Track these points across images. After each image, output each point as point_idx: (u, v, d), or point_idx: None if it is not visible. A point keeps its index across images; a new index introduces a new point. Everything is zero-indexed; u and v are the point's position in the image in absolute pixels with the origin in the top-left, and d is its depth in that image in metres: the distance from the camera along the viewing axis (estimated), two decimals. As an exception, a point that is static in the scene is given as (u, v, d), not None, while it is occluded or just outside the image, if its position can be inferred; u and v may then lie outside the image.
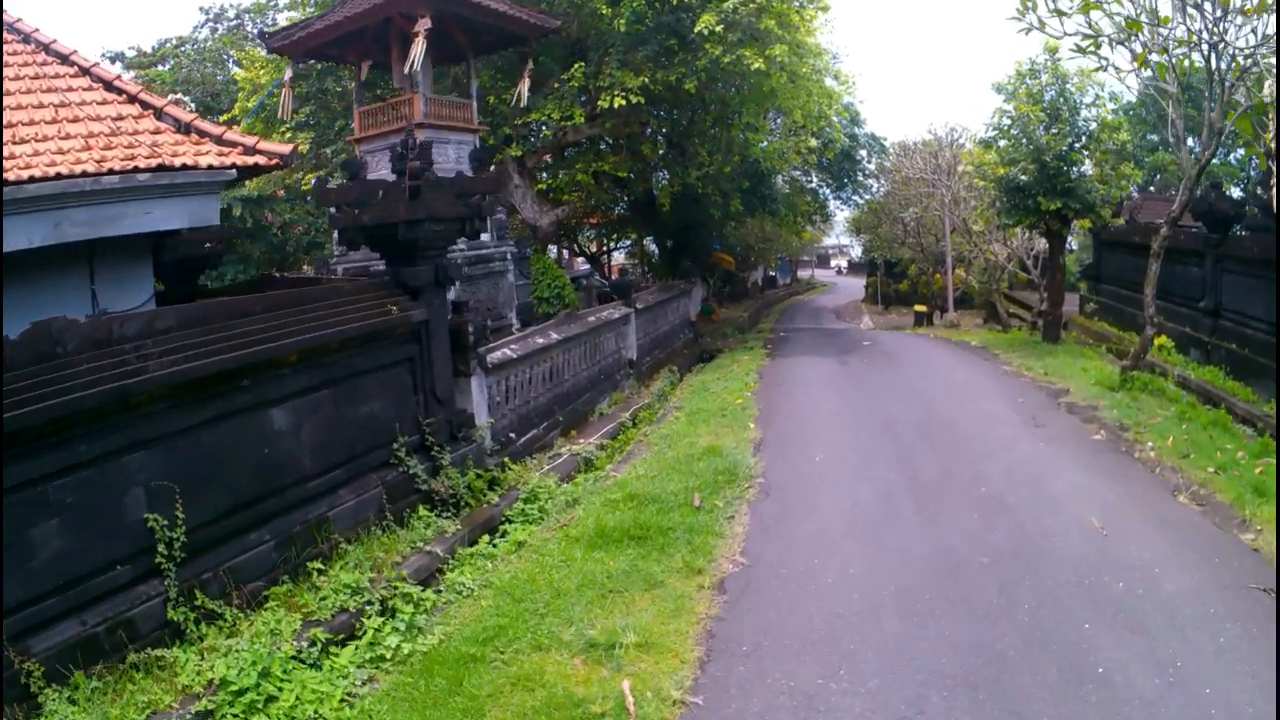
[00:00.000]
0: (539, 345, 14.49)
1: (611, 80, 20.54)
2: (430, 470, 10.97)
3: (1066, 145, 19.75)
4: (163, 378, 7.48)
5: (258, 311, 9.15)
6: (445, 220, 11.08)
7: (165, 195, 10.47)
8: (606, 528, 9.24)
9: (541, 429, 14.49)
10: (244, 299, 9.46)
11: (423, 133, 17.17)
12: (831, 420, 14.39)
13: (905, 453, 11.98)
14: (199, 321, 8.41)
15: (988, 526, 8.98)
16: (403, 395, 10.98)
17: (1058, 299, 22.14)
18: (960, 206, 31.02)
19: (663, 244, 37.20)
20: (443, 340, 11.50)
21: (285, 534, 8.66)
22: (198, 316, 8.50)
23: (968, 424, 13.41)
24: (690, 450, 12.49)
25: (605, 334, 18.29)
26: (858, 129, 40.43)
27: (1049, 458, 11.32)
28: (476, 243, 17.67)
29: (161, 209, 10.52)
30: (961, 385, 16.75)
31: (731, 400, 16.11)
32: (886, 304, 49.20)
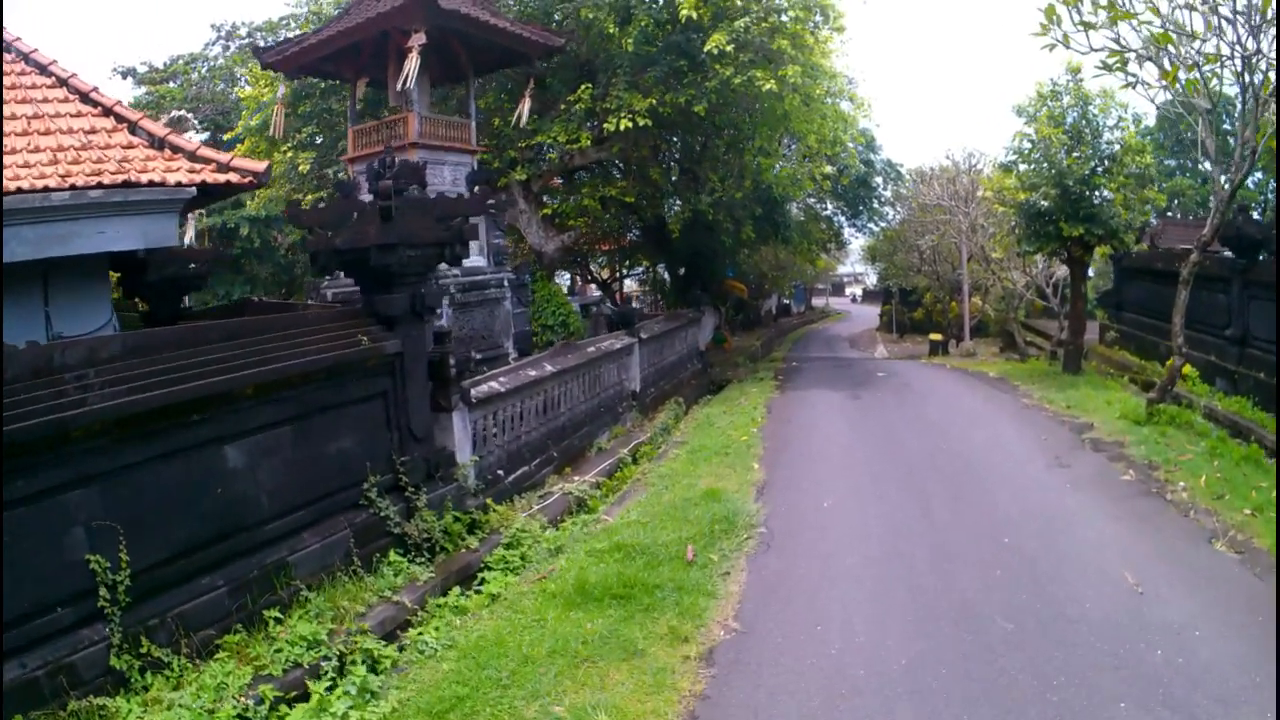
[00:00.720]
0: (531, 378, 13.69)
1: (619, 102, 19.88)
2: (404, 512, 10.23)
3: (1089, 169, 18.94)
4: (105, 410, 6.92)
5: (213, 340, 8.50)
6: (423, 245, 10.34)
7: (119, 214, 9.89)
8: (588, 583, 8.38)
9: (533, 465, 13.68)
10: (198, 327, 8.87)
11: (417, 153, 16.53)
12: (841, 461, 13.52)
13: (921, 498, 11.06)
14: (147, 350, 7.78)
15: (1011, 586, 8.05)
16: (375, 432, 10.23)
17: (1079, 328, 21.24)
18: (978, 233, 30.17)
19: (674, 271, 36.49)
20: (420, 373, 10.74)
21: (240, 579, 8.02)
22: (146, 345, 7.89)
23: (988, 465, 12.51)
24: (688, 493, 11.66)
25: (606, 365, 17.50)
26: (874, 155, 39.68)
27: (1076, 503, 10.42)
28: (471, 268, 16.95)
29: (115, 228, 9.95)
30: (981, 421, 15.88)
31: (736, 437, 15.28)
32: (901, 332, 48.37)
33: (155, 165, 10.83)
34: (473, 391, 12.03)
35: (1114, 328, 25.19)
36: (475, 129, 18.32)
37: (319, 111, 25.37)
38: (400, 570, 9.61)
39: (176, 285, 14.64)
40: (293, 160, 25.04)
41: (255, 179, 11.95)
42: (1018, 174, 20.59)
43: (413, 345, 10.57)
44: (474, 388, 12.25)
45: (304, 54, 17.69)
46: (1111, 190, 19.34)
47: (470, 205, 11.07)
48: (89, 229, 9.59)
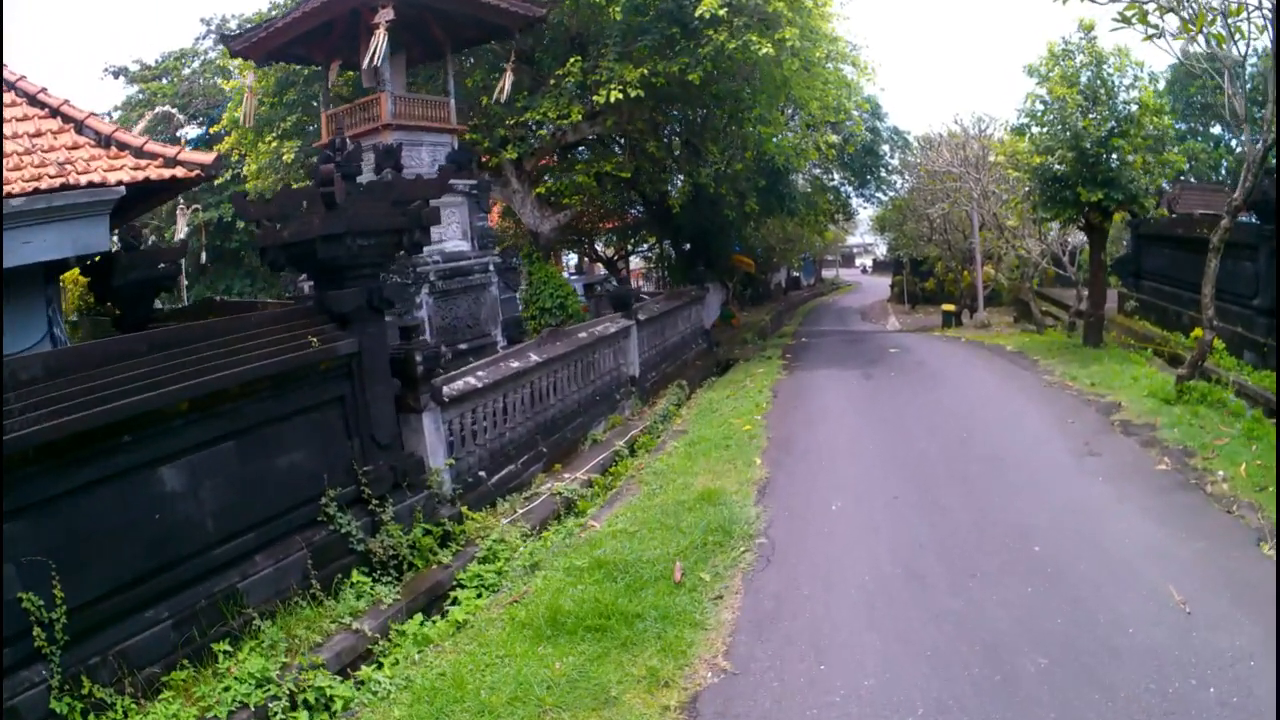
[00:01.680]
0: (513, 371, 12.75)
1: (609, 74, 18.84)
2: (368, 527, 9.42)
3: (1106, 131, 17.79)
4: (26, 438, 6.27)
5: (141, 353, 7.68)
6: (375, 233, 9.37)
7: (44, 221, 9.20)
8: (561, 611, 7.42)
9: (520, 464, 12.78)
10: (124, 339, 8.01)
11: (392, 134, 15.58)
12: (851, 454, 12.39)
13: (939, 498, 9.95)
14: (70, 369, 7.06)
15: (1044, 609, 6.99)
16: (332, 441, 9.37)
17: (1100, 299, 20.11)
18: (990, 201, 29.00)
19: (679, 248, 35.55)
20: (381, 374, 9.82)
21: (186, 611, 7.39)
22: (68, 363, 7.16)
23: (1012, 455, 11.39)
24: (682, 495, 10.67)
25: (601, 350, 16.55)
26: (880, 123, 38.43)
27: (1110, 500, 9.34)
28: (454, 252, 16.02)
29: (42, 237, 9.27)
30: (1001, 403, 14.77)
31: (739, 426, 14.27)
32: (913, 303, 47.37)
33: (98, 165, 10.36)
34: (446, 389, 11.12)
35: (1133, 297, 24.14)
36: (455, 107, 17.30)
37: (305, 99, 24.40)
38: (363, 592, 8.85)
39: (145, 287, 14.10)
40: (277, 150, 24.12)
41: (202, 171, 11.41)
42: (1031, 137, 19.45)
43: (371, 343, 9.65)
44: (448, 385, 11.34)
45: (272, 39, 16.70)
46: (1130, 152, 18.20)
47: (430, 187, 10.07)
48: (13, 240, 8.89)
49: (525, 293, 24.18)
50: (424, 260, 15.24)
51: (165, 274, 14.39)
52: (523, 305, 24.21)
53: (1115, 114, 18.12)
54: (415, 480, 10.18)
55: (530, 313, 23.51)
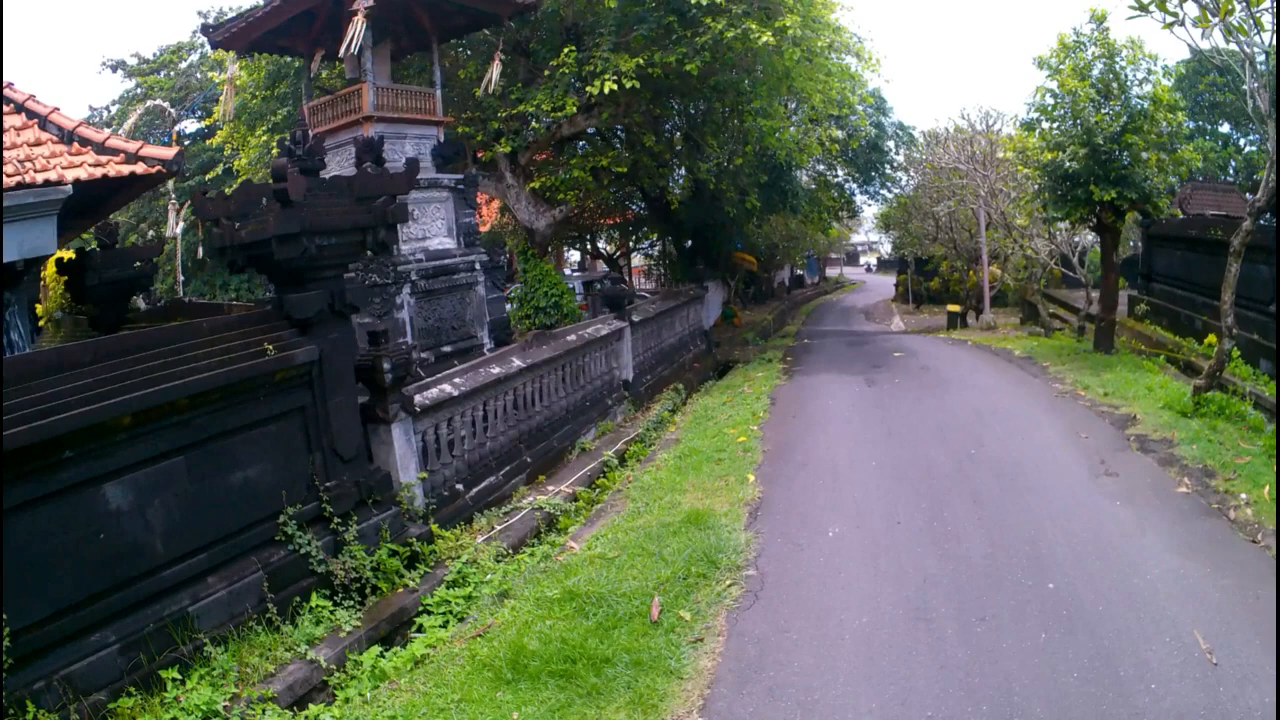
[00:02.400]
0: (494, 377, 12.07)
1: (604, 64, 18.15)
2: (330, 547, 8.80)
3: (1120, 126, 17.07)
4: None
5: (84, 363, 7.07)
6: (336, 232, 8.69)
7: None
8: (525, 651, 6.74)
9: (501, 475, 12.12)
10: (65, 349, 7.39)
11: (373, 127, 14.89)
12: (852, 469, 11.60)
13: (947, 522, 9.19)
14: (10, 380, 6.49)
15: (1059, 658, 6.26)
16: (291, 455, 8.74)
17: (1112, 302, 19.38)
18: (998, 199, 28.25)
19: (680, 245, 34.84)
20: (345, 383, 9.16)
21: (135, 635, 6.93)
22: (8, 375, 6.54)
23: (1024, 473, 10.62)
24: (668, 515, 9.94)
25: (592, 354, 15.87)
26: (884, 118, 37.63)
27: (1129, 527, 8.61)
28: (438, 250, 15.32)
29: None
30: (1011, 413, 13.98)
31: (734, 437, 13.57)
32: (918, 303, 46.64)
33: (57, 162, 9.96)
34: (419, 398, 10.47)
35: (1144, 300, 23.49)
36: (441, 98, 16.56)
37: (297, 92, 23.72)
38: (323, 617, 8.25)
39: (121, 287, 13.65)
40: (267, 144, 23.50)
41: (165, 167, 10.87)
42: (1041, 132, 18.75)
43: (334, 350, 9.00)
44: (422, 393, 10.68)
45: (253, 29, 16.00)
46: (1143, 149, 17.47)
47: (398, 181, 9.36)
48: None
49: (520, 291, 23.60)
50: (406, 259, 14.57)
51: (141, 273, 13.95)
52: (517, 304, 23.62)
53: (1129, 109, 17.39)
54: (383, 496, 9.53)
55: (525, 311, 22.86)
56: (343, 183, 9.02)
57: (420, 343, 14.58)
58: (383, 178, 9.34)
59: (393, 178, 9.36)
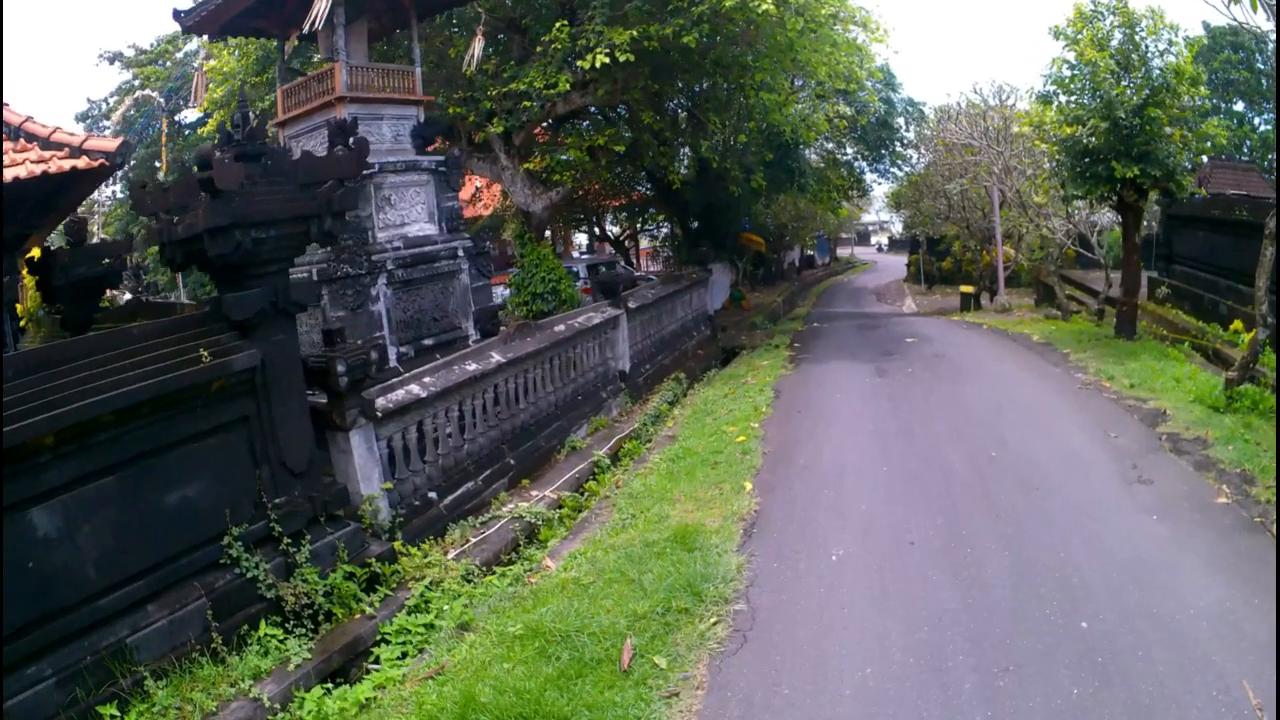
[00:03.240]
0: (470, 374, 11.19)
1: (596, 38, 17.18)
2: (281, 569, 8.04)
3: (1141, 99, 16.01)
4: None
5: (5, 379, 6.38)
6: (276, 223, 7.82)
7: None
8: (476, 703, 5.82)
9: (480, 480, 11.28)
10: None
11: (346, 108, 13.98)
12: (860, 475, 10.53)
13: (965, 542, 8.14)
14: None
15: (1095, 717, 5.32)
16: (235, 471, 7.95)
17: (1134, 285, 18.34)
18: (1012, 176, 27.15)
19: (686, 226, 33.90)
20: (292, 389, 8.32)
21: (71, 667, 6.45)
22: None
23: (1051, 481, 9.57)
24: (654, 532, 8.99)
25: (584, 344, 14.99)
26: (894, 93, 36.46)
27: (1167, 547, 7.63)
28: (418, 237, 14.40)
29: None
30: (1033, 408, 12.96)
31: (732, 436, 12.62)
32: (930, 283, 45.55)
33: None
34: (382, 401, 9.62)
35: (1165, 283, 22.46)
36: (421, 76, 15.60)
37: (282, 77, 22.86)
38: (271, 648, 7.49)
39: (90, 284, 13.08)
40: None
41: (107, 159, 10.27)
42: (1059, 106, 17.71)
43: (278, 354, 8.16)
44: (387, 395, 9.83)
45: (224, 10, 15.04)
46: (1166, 124, 16.42)
47: (344, 164, 8.45)
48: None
49: (516, 277, 22.74)
50: (382, 246, 13.67)
51: (109, 270, 13.36)
52: (514, 290, 22.77)
53: (1150, 81, 16.33)
54: (339, 512, 8.74)
55: (522, 298, 22.00)
56: (284, 169, 8.13)
57: (399, 336, 13.71)
58: (328, 161, 8.47)
59: (339, 160, 8.48)
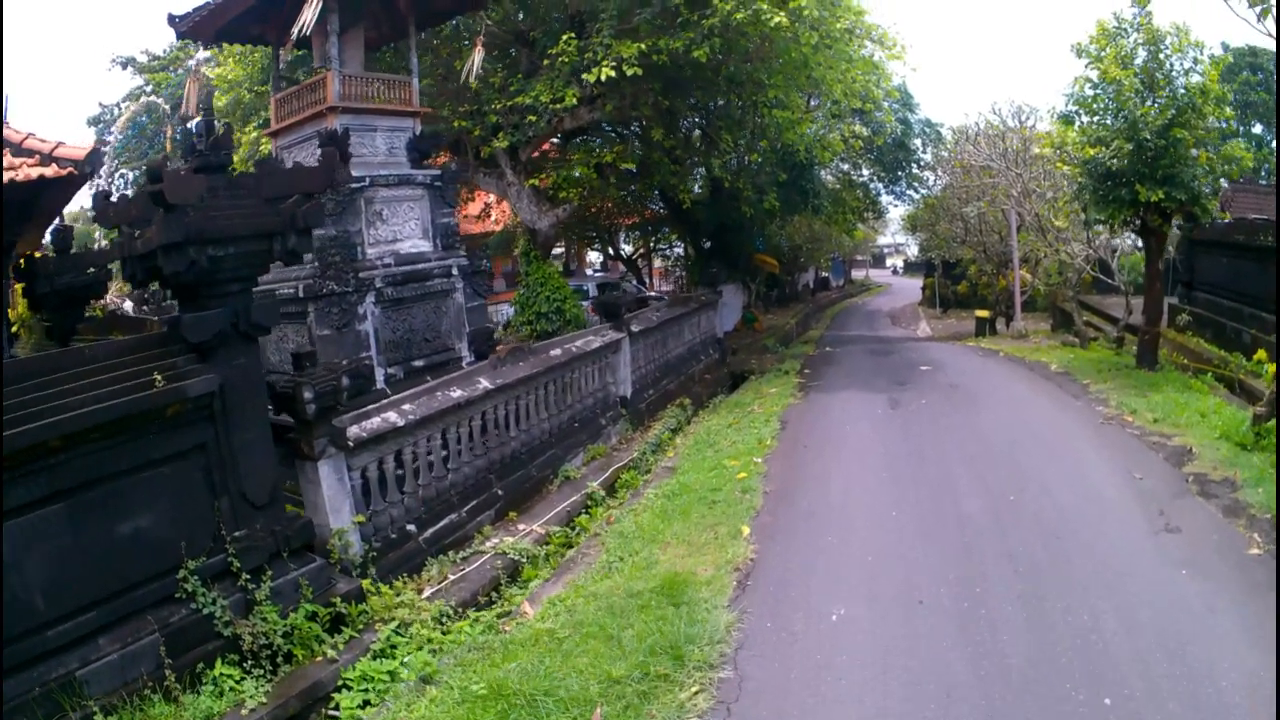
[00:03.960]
0: (454, 401, 10.59)
1: (604, 51, 16.68)
2: (240, 606, 7.46)
3: (1167, 119, 15.37)
4: None
5: None
6: (234, 240, 7.27)
7: None
8: (426, 775, 5.25)
9: (464, 512, 10.67)
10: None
11: (338, 118, 13.44)
12: (867, 521, 9.77)
13: (980, 601, 7.36)
14: None
15: None
16: (191, 501, 7.42)
17: (1156, 313, 17.63)
18: (1031, 200, 26.46)
19: (699, 246, 33.39)
20: (254, 416, 7.75)
21: (19, 699, 6.11)
22: None
23: (1072, 529, 8.84)
24: (640, 579, 8.31)
25: (582, 369, 14.39)
26: (911, 114, 35.90)
27: (1197, 607, 6.91)
28: (410, 254, 13.83)
29: None
30: (1054, 445, 12.18)
31: (733, 471, 11.94)
32: (945, 307, 44.90)
33: None
34: (356, 429, 9.04)
35: (1186, 310, 21.72)
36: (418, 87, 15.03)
37: (286, 85, 22.47)
38: (226, 689, 6.98)
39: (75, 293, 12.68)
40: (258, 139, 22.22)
41: (75, 168, 9.78)
42: (1081, 126, 17.06)
43: (239, 379, 7.60)
44: (362, 422, 9.25)
45: (218, 16, 14.55)
46: (1192, 145, 15.76)
47: (312, 177, 7.90)
48: None
49: (520, 295, 22.26)
50: (372, 263, 13.10)
51: (95, 279, 12.91)
52: (518, 309, 22.28)
53: (1175, 100, 15.68)
54: (303, 547, 8.16)
55: (526, 317, 21.55)
56: (247, 181, 7.60)
57: (388, 357, 13.12)
58: (294, 174, 7.94)
59: (306, 173, 7.94)
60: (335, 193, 12.66)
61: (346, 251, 12.68)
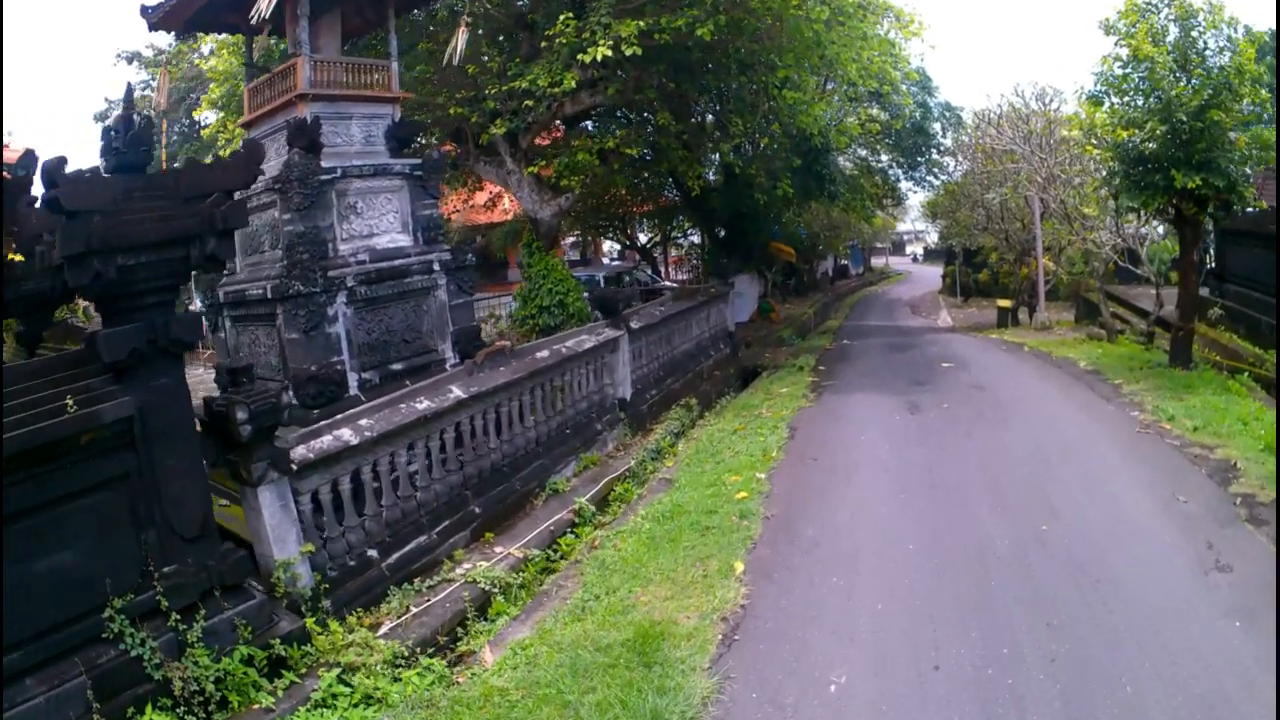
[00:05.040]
0: (420, 414, 9.63)
1: (602, 31, 15.70)
2: (172, 647, 6.63)
3: (1203, 100, 14.23)
4: None
5: None
6: (146, 247, 6.37)
7: None
8: None
9: (435, 534, 9.77)
10: None
11: (308, 106, 12.51)
12: (879, 558, 8.59)
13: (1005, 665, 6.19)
14: None
15: None
16: (116, 535, 6.62)
17: (1191, 308, 16.45)
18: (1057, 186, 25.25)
19: (713, 234, 32.43)
20: (180, 441, 6.89)
21: None
22: None
23: (1110, 570, 7.65)
24: (611, 630, 7.28)
25: (575, 370, 13.46)
26: (930, 97, 34.65)
27: (1253, 671, 5.82)
28: (387, 249, 12.86)
29: None
30: (1087, 460, 10.98)
31: (733, 489, 10.87)
32: (965, 296, 43.71)
33: None
34: (302, 450, 8.14)
35: (1217, 303, 20.57)
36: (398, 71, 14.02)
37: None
38: None
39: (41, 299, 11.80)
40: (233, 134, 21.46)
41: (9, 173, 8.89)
42: (1110, 108, 15.92)
43: (161, 401, 6.72)
44: (309, 442, 8.35)
45: (189, 5, 13.64)
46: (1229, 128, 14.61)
47: (231, 173, 6.94)
48: None
49: (523, 289, 21.41)
50: (344, 260, 12.14)
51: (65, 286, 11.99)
52: (520, 303, 21.44)
53: (1210, 80, 14.53)
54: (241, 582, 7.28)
55: (528, 311, 20.70)
56: (168, 181, 6.68)
57: (361, 361, 12.18)
58: (215, 170, 6.97)
59: (227, 168, 6.98)
60: (303, 186, 11.75)
61: (316, 249, 11.74)
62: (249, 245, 13.16)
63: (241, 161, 7.07)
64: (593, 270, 36.09)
